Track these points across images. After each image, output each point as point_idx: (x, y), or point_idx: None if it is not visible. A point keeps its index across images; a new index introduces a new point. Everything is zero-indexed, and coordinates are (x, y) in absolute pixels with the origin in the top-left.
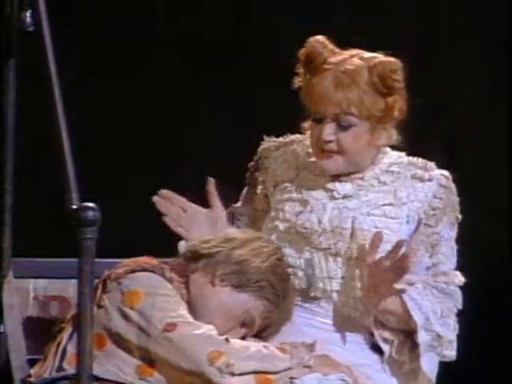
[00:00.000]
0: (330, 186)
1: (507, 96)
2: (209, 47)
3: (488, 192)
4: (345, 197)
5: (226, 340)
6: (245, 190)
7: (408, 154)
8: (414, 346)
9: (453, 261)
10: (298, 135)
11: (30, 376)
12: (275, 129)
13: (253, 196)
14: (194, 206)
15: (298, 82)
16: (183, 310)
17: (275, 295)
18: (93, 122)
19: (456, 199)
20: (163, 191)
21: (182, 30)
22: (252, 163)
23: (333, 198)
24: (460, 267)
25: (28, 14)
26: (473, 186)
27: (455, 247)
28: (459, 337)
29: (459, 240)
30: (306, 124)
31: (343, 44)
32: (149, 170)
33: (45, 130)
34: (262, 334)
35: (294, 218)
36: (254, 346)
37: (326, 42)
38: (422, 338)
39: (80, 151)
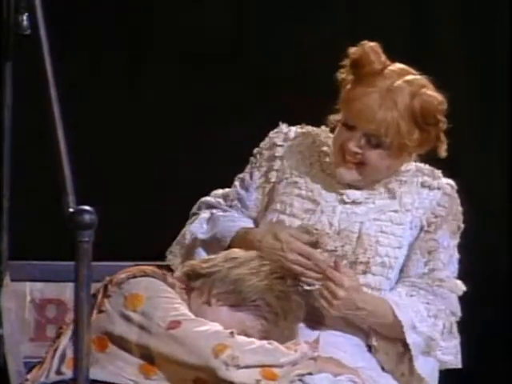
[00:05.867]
0: (340, 189)
1: (506, 97)
2: (208, 50)
3: (487, 197)
4: (354, 202)
5: (231, 334)
6: (250, 175)
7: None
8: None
9: (452, 269)
10: (314, 128)
11: (26, 380)
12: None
13: (264, 183)
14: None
15: (341, 75)
16: (185, 310)
17: (273, 314)
18: (91, 124)
19: (459, 209)
20: None
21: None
22: (263, 147)
23: (342, 201)
24: (460, 273)
25: (25, 17)
26: (472, 190)
27: (456, 256)
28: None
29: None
30: (335, 118)
31: (342, 44)
32: (148, 172)
33: (42, 133)
34: None
35: (303, 215)
36: (257, 341)
37: (379, 50)
38: (410, 338)
39: (77, 154)
